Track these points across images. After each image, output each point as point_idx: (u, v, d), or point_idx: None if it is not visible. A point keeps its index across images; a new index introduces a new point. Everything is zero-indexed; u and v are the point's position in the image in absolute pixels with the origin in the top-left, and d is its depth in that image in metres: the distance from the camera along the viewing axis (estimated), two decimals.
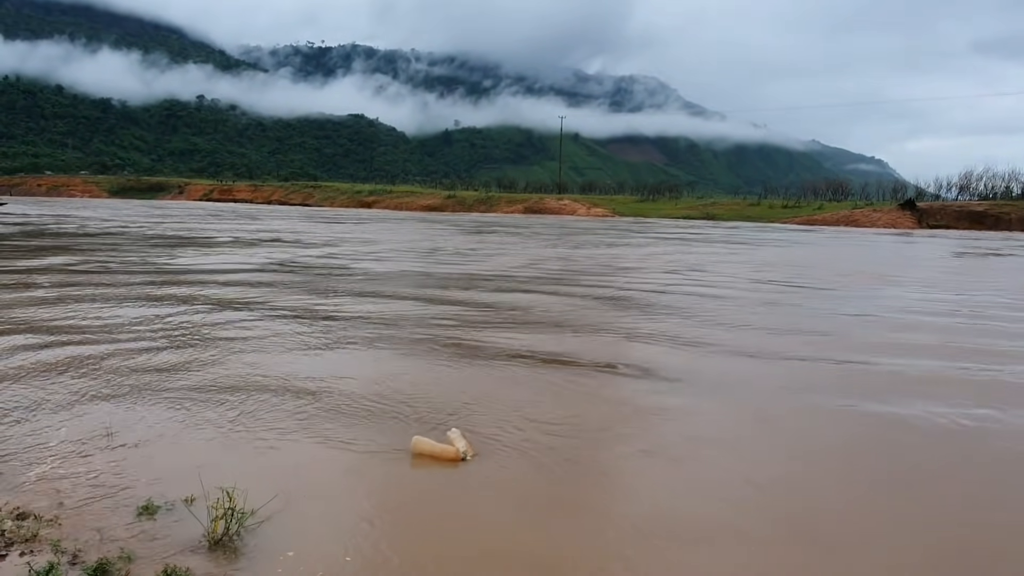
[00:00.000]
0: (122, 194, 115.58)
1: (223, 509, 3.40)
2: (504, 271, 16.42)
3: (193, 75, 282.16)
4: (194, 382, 6.13)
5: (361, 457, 4.54)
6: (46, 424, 4.93)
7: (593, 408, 5.74)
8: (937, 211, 59.18)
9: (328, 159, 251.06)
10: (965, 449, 5.12)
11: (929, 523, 3.91)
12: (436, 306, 10.84)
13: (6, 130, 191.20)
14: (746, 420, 5.58)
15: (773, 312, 11.28)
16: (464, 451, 4.52)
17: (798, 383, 6.80)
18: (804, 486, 4.36)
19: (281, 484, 3.99)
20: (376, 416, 5.33)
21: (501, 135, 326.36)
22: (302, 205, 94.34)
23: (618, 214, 74.75)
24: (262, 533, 3.47)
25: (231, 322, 8.97)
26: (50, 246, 19.78)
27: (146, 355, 7.06)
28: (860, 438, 5.26)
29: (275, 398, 5.70)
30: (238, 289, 12.03)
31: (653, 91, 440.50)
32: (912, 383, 6.83)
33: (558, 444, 4.83)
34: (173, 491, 3.87)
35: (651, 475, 4.51)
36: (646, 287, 13.86)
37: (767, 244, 30.80)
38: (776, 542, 3.62)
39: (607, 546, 3.52)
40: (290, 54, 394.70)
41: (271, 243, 23.53)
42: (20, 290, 11.22)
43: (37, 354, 6.94)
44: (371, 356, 7.44)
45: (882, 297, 13.75)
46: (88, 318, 8.96)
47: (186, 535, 3.41)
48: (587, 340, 8.59)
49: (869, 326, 10.14)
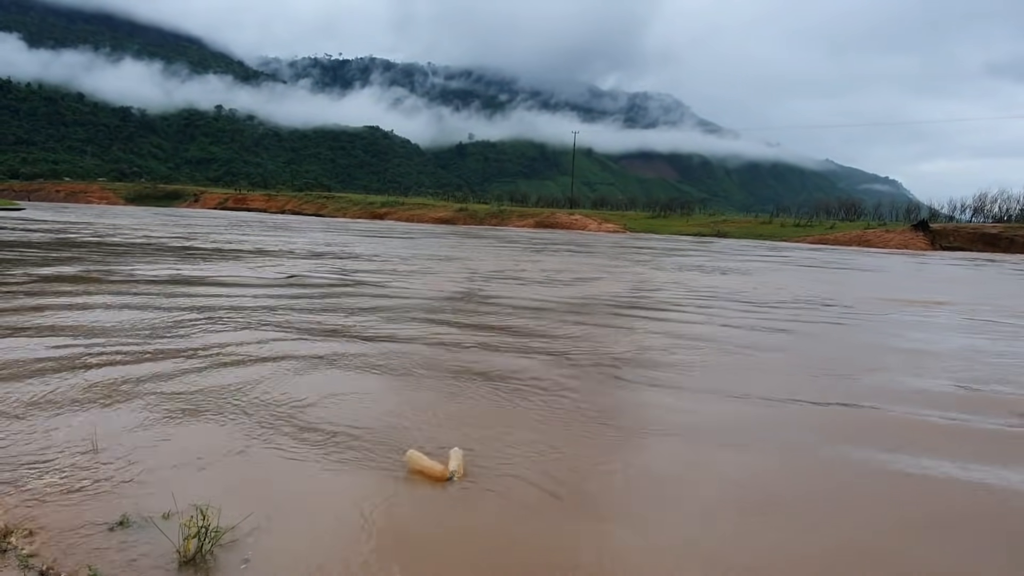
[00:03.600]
0: (138, 201, 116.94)
1: (196, 527, 3.29)
2: (627, 296, 15.25)
3: (213, 85, 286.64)
4: (174, 390, 6.04)
5: (349, 473, 4.42)
6: (31, 431, 4.85)
7: None
8: (951, 232, 58.64)
9: (342, 170, 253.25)
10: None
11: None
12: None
13: (27, 136, 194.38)
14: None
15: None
16: (453, 471, 4.38)
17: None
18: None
19: (263, 500, 3.88)
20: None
21: (514, 149, 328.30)
22: (315, 215, 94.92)
23: (629, 230, 74.64)
24: (236, 551, 3.36)
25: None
26: (137, 279, 19.71)
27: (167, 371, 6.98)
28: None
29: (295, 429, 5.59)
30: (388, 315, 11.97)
31: (668, 108, 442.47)
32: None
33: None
34: (152, 506, 3.76)
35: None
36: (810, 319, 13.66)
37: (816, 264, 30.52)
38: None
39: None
40: (309, 66, 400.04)
41: (334, 257, 23.50)
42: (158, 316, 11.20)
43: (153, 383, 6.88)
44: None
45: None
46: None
47: (158, 553, 3.30)
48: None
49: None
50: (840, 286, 20.26)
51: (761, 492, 4.43)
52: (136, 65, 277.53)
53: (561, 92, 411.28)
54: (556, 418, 5.77)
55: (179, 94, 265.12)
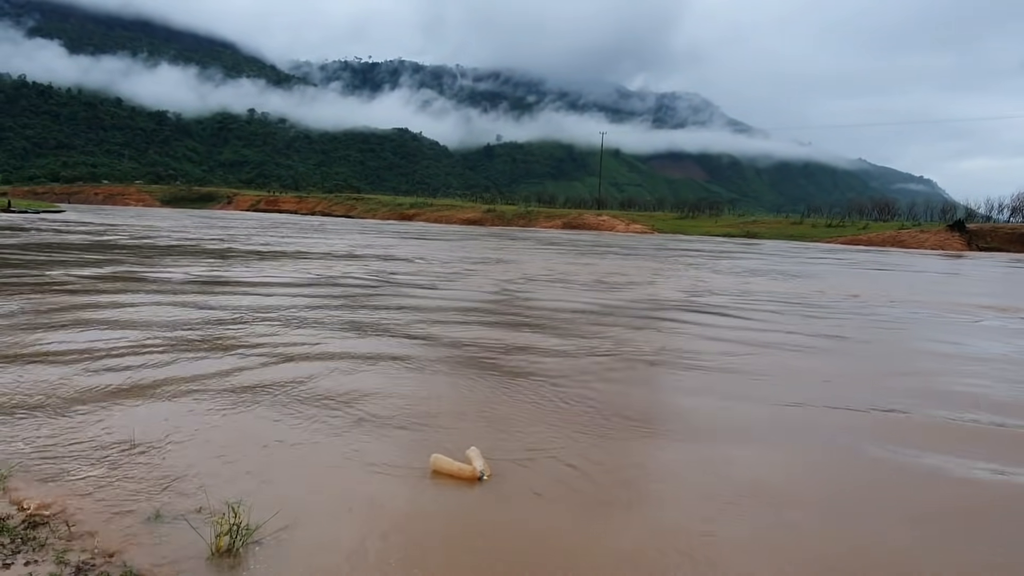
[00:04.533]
0: (174, 203, 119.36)
1: (228, 525, 3.33)
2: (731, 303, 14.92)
3: (246, 89, 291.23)
4: (227, 385, 6.14)
5: (380, 474, 4.45)
6: (69, 426, 4.97)
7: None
8: (988, 233, 57.17)
9: (372, 171, 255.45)
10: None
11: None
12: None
13: (68, 141, 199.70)
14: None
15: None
16: (482, 471, 4.39)
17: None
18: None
19: (294, 498, 3.92)
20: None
21: (542, 150, 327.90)
22: (345, 216, 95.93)
23: (657, 231, 74.09)
24: (268, 548, 3.39)
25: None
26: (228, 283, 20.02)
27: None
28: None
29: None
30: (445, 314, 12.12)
31: (696, 108, 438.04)
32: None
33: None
34: (185, 503, 3.82)
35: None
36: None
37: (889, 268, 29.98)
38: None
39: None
40: (339, 69, 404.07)
41: (377, 259, 23.61)
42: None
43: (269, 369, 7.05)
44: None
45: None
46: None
47: (191, 550, 3.35)
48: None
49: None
50: (919, 289, 19.81)
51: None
52: (172, 70, 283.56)
53: (589, 93, 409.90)
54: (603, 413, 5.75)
55: (213, 98, 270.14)
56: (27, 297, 10.97)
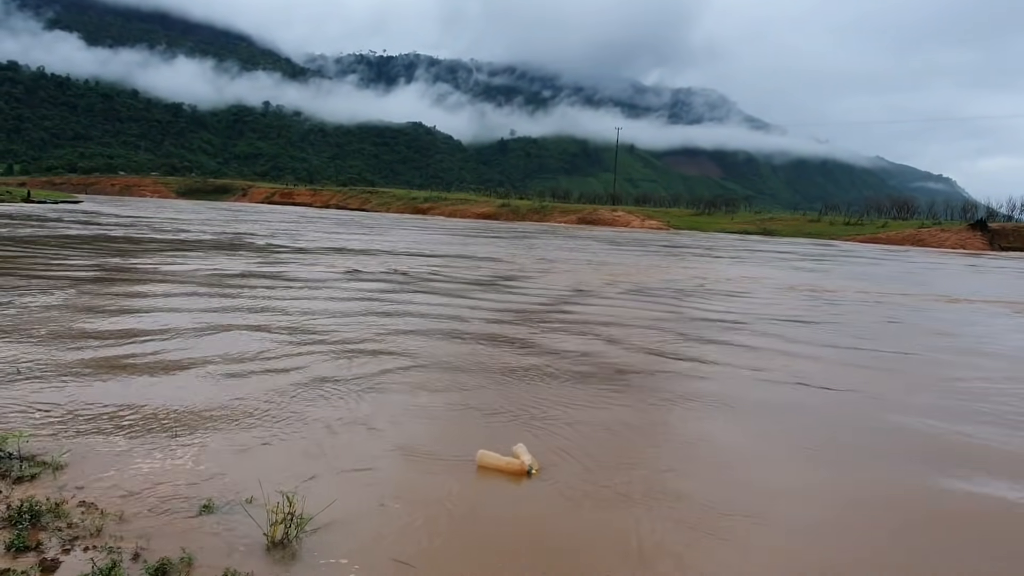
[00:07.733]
0: (189, 195, 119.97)
1: (282, 514, 3.32)
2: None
3: (261, 82, 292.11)
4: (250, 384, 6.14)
5: (427, 468, 4.43)
6: (114, 414, 4.98)
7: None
8: (1010, 232, 56.45)
9: (386, 165, 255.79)
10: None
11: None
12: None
13: (85, 132, 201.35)
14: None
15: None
16: (530, 465, 4.36)
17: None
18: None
19: (344, 490, 3.91)
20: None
21: (556, 145, 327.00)
22: (359, 210, 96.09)
23: (672, 227, 73.70)
24: (321, 538, 3.37)
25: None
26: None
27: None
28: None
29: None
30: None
31: (713, 104, 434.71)
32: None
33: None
34: (235, 492, 3.82)
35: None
36: None
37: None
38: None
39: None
40: (354, 62, 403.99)
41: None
42: None
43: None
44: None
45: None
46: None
47: (245, 538, 3.34)
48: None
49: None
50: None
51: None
52: (189, 63, 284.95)
53: (604, 88, 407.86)
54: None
55: (229, 91, 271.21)
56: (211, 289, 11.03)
